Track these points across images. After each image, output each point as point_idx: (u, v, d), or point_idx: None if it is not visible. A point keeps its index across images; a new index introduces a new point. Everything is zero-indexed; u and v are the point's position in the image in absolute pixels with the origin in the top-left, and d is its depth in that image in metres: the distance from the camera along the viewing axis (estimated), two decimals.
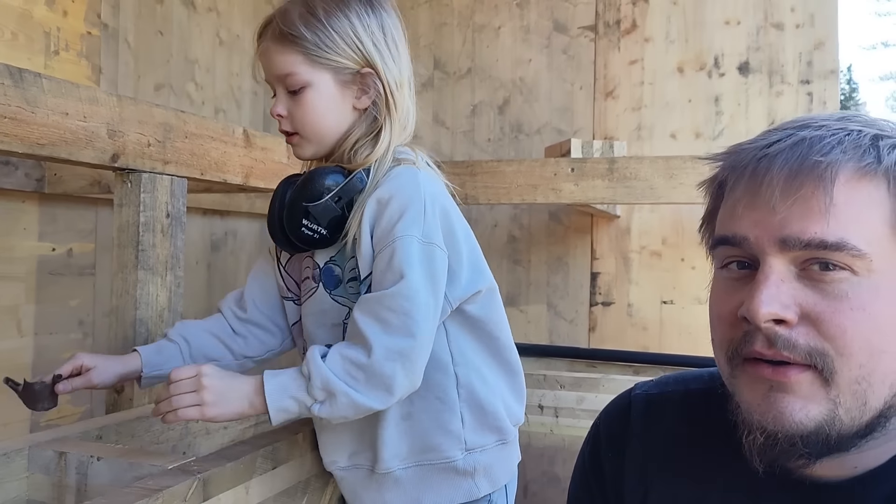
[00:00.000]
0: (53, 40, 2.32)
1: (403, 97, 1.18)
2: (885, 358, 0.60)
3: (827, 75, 3.04)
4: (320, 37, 1.10)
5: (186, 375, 1.02)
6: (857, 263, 0.60)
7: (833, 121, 0.65)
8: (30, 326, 2.23)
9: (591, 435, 0.89)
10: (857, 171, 0.61)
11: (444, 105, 3.49)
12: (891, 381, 0.61)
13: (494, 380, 1.19)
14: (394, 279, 1.03)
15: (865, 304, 0.60)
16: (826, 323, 0.60)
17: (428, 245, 1.06)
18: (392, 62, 1.15)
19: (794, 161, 0.62)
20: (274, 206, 1.17)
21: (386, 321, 1.02)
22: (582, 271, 3.27)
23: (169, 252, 1.55)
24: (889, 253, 0.61)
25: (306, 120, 1.13)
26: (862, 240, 0.60)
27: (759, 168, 0.64)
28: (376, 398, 1.03)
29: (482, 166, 2.38)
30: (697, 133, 3.15)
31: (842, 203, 0.60)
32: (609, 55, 3.28)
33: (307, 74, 1.11)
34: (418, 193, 1.08)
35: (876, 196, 0.61)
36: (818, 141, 0.63)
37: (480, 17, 3.45)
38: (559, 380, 2.09)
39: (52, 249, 2.29)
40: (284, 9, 1.13)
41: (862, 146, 0.62)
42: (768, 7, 3.09)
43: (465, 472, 1.15)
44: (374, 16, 1.14)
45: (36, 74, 1.25)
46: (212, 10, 3.02)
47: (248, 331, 1.27)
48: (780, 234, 0.62)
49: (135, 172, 1.48)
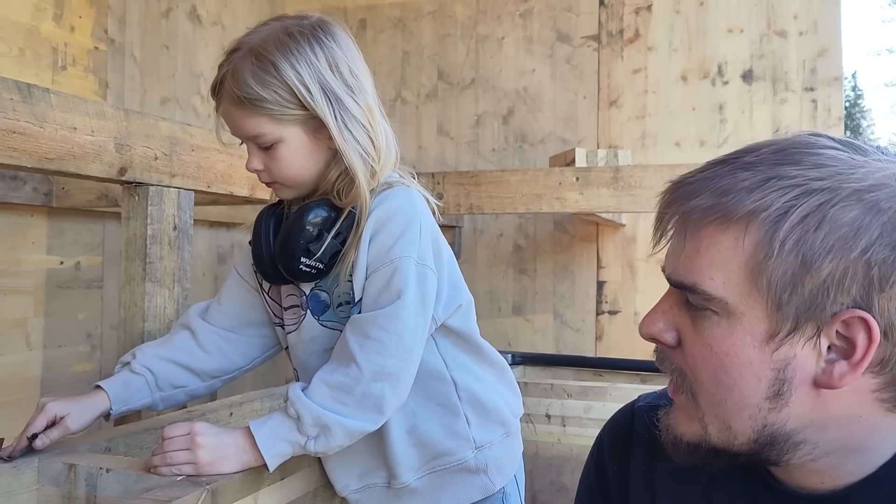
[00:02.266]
0: (61, 56, 2.34)
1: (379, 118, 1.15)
2: (733, 392, 0.64)
3: (831, 82, 3.04)
4: (280, 94, 1.06)
5: (179, 433, 1.03)
6: (713, 305, 0.64)
7: (754, 155, 0.65)
8: (38, 340, 2.24)
9: (596, 446, 0.90)
10: (720, 218, 0.63)
11: (448, 115, 3.50)
12: (749, 413, 0.64)
13: (488, 378, 1.22)
14: (390, 299, 1.05)
15: (714, 342, 0.64)
16: (686, 351, 0.68)
17: (422, 267, 1.07)
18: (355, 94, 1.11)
19: (673, 204, 0.67)
20: (261, 241, 1.15)
21: (378, 340, 1.03)
22: (588, 280, 3.27)
23: (176, 264, 1.56)
24: (745, 297, 0.63)
25: (284, 172, 1.11)
26: (716, 285, 0.63)
27: (660, 202, 0.69)
28: (368, 419, 1.04)
29: (487, 176, 2.38)
30: (702, 141, 3.16)
31: (703, 249, 0.64)
32: (612, 64, 3.29)
33: (276, 132, 1.08)
34: (415, 214, 1.09)
35: (734, 242, 0.63)
36: (700, 185, 0.65)
37: (484, 28, 3.47)
38: (566, 389, 2.08)
39: (60, 263, 2.31)
40: (235, 68, 1.07)
41: (736, 191, 0.62)
42: (771, 14, 3.10)
43: (479, 469, 1.17)
44: (326, 50, 1.09)
45: (44, 90, 1.26)
46: (217, 24, 3.04)
47: (217, 346, 1.24)
48: (666, 271, 0.69)
49: (142, 185, 1.49)
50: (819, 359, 0.62)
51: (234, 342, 1.25)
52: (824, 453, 0.65)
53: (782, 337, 0.62)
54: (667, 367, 0.71)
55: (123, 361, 1.22)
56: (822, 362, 0.62)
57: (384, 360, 1.03)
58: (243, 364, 1.26)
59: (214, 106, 1.14)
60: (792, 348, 0.62)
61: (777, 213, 0.61)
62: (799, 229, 0.60)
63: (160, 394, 1.20)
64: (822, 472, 0.67)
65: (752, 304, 0.62)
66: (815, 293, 0.60)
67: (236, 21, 3.13)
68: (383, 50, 3.59)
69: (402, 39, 3.57)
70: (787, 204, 0.60)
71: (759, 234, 0.61)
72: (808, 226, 0.60)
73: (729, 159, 0.66)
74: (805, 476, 0.68)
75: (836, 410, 0.63)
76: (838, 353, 0.62)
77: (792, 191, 0.61)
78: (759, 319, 0.62)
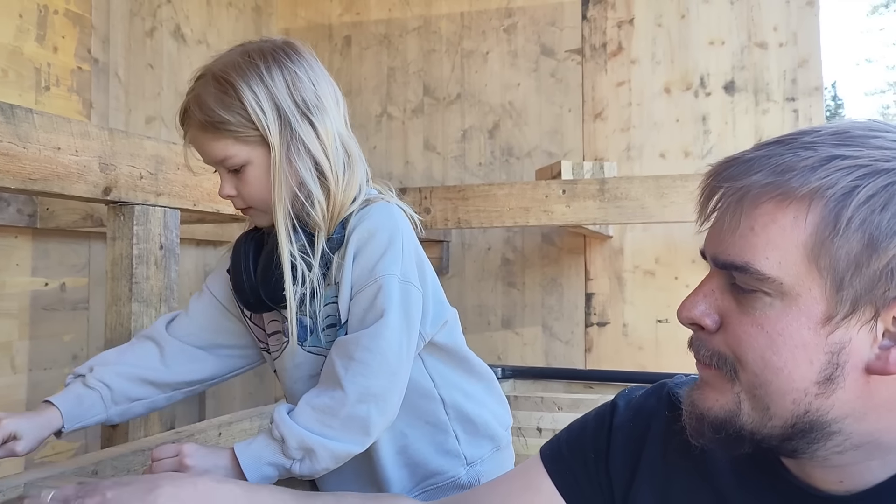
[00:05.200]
0: (44, 76, 2.33)
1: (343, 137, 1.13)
2: (781, 374, 0.62)
3: (812, 92, 3.08)
4: (243, 115, 1.06)
5: (168, 455, 1.02)
6: (766, 286, 0.62)
7: (812, 136, 0.64)
8: (24, 363, 2.21)
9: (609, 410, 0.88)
10: (778, 196, 0.61)
11: (434, 130, 3.52)
12: (793, 398, 0.62)
13: (476, 392, 1.21)
14: (374, 318, 1.04)
15: (766, 322, 0.62)
16: (729, 333, 0.65)
17: (405, 284, 1.06)
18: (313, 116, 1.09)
19: (730, 182, 0.64)
20: (241, 270, 1.13)
21: (363, 362, 1.02)
22: (576, 292, 3.27)
23: (163, 284, 1.55)
24: (803, 277, 0.61)
25: (255, 196, 1.10)
26: (771, 264, 0.61)
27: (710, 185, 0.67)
28: (354, 441, 1.04)
29: (474, 190, 2.39)
30: (686, 152, 3.18)
31: (758, 227, 0.62)
32: (596, 77, 3.31)
33: (243, 154, 1.08)
34: (397, 231, 1.08)
35: (794, 220, 0.61)
36: (757, 162, 0.63)
37: (468, 44, 3.49)
38: (557, 402, 2.08)
39: (44, 284, 2.29)
40: (197, 94, 1.08)
41: (797, 169, 0.61)
42: (751, 27, 3.14)
43: (471, 485, 1.16)
44: (286, 72, 1.08)
45: (27, 110, 1.25)
46: (201, 43, 3.05)
47: (183, 362, 1.21)
48: (712, 251, 0.67)
49: (127, 205, 1.48)
50: (874, 344, 0.60)
51: (202, 359, 1.22)
52: (853, 446, 0.63)
53: (839, 319, 0.60)
54: (703, 354, 0.67)
55: (78, 373, 1.19)
56: (877, 348, 0.60)
57: (369, 382, 1.02)
58: (208, 380, 1.24)
59: (183, 134, 1.13)
60: (848, 331, 0.60)
61: (842, 191, 0.59)
62: (865, 209, 0.58)
63: (116, 408, 1.17)
64: (843, 469, 0.65)
65: (810, 284, 0.60)
66: (878, 275, 0.58)
67: (221, 40, 3.14)
68: (369, 66, 3.60)
69: (387, 55, 3.59)
70: (852, 183, 0.59)
71: (822, 213, 0.59)
72: (874, 206, 0.58)
73: (786, 139, 0.64)
74: (824, 473, 0.66)
75: (879, 399, 0.61)
76: (892, 339, 0.60)
77: (858, 170, 0.59)
78: (817, 300, 0.60)
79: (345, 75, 3.56)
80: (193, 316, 1.24)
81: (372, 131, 3.57)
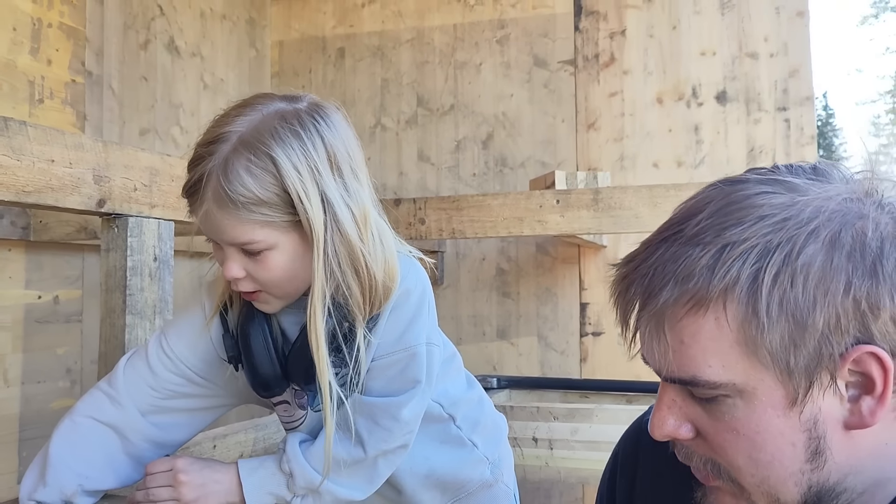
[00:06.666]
0: (38, 89, 2.33)
1: (375, 219, 1.00)
2: (773, 466, 0.62)
3: (802, 102, 3.10)
4: (282, 198, 0.90)
5: (162, 469, 1.00)
6: (721, 390, 0.61)
7: (694, 226, 0.62)
8: (17, 376, 2.20)
9: (612, 454, 0.91)
10: (692, 304, 0.61)
11: (428, 141, 3.52)
12: (794, 481, 0.62)
13: (471, 394, 1.21)
14: (403, 388, 1.02)
15: (739, 425, 0.62)
16: (711, 442, 0.64)
17: (430, 347, 1.04)
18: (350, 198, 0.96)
19: (639, 300, 0.63)
20: (266, 360, 1.00)
21: (388, 429, 1.01)
22: (571, 302, 3.28)
23: (157, 296, 1.55)
24: (749, 372, 0.60)
25: (273, 281, 0.95)
26: (716, 371, 0.61)
27: (617, 302, 0.66)
28: (359, 489, 1.04)
29: (468, 201, 2.39)
30: (679, 161, 3.20)
31: (687, 339, 0.61)
32: (589, 88, 3.33)
33: (270, 239, 0.92)
34: (424, 293, 1.03)
35: (716, 324, 0.60)
36: (658, 274, 0.62)
37: (461, 55, 3.50)
38: (553, 412, 2.08)
39: (38, 297, 2.28)
40: (225, 159, 0.90)
41: (697, 272, 0.60)
42: (742, 37, 3.16)
43: (496, 480, 1.19)
44: (327, 144, 0.94)
45: (21, 122, 1.25)
46: (195, 55, 3.05)
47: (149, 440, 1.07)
48: (654, 367, 0.66)
49: (121, 217, 1.48)
50: (843, 402, 0.61)
51: (163, 429, 1.08)
52: (858, 494, 0.64)
53: (802, 397, 0.60)
54: (696, 461, 0.67)
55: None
56: (847, 403, 0.61)
57: (389, 445, 1.03)
58: (173, 448, 1.12)
59: (188, 205, 0.95)
60: (815, 403, 0.60)
61: (748, 282, 0.59)
62: (777, 292, 0.58)
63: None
64: None
65: (761, 376, 0.60)
66: (818, 346, 0.58)
67: (215, 52, 3.14)
68: (362, 78, 3.61)
69: (381, 67, 3.60)
70: (752, 270, 0.59)
71: (739, 310, 0.59)
72: (783, 285, 0.58)
73: (669, 236, 0.63)
74: None
75: (867, 447, 0.62)
76: (859, 389, 0.60)
77: (751, 254, 0.59)
78: (773, 388, 0.60)
79: (339, 87, 3.57)
80: (160, 384, 1.06)
81: (366, 142, 3.58)
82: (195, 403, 1.10)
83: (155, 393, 1.06)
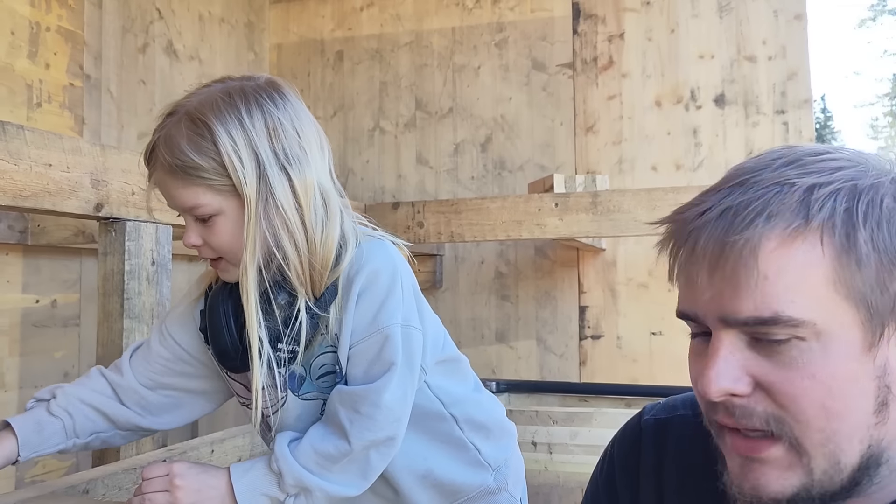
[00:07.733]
0: (36, 93, 2.33)
1: (325, 189, 1.05)
2: (844, 418, 0.60)
3: (801, 105, 3.10)
4: (217, 162, 0.98)
5: (158, 474, 1.01)
6: (800, 331, 0.59)
7: (772, 171, 0.62)
8: (14, 380, 2.19)
9: (605, 458, 0.89)
10: (785, 237, 0.59)
11: (427, 144, 3.52)
12: (859, 437, 0.60)
13: (478, 396, 1.21)
14: (380, 372, 1.01)
15: (816, 370, 0.59)
16: (778, 392, 0.60)
17: (406, 328, 1.03)
18: (291, 168, 1.02)
19: (719, 236, 0.61)
20: (222, 331, 1.06)
21: (369, 416, 1.01)
22: (570, 305, 3.27)
23: (155, 300, 1.54)
24: (834, 312, 0.59)
25: (225, 247, 1.03)
26: (800, 308, 0.59)
27: (687, 245, 0.64)
28: (352, 485, 1.03)
29: (467, 204, 2.39)
30: (678, 165, 3.20)
31: (773, 275, 0.59)
32: (588, 91, 3.33)
33: (214, 203, 1.00)
34: (396, 273, 1.04)
35: (810, 257, 0.59)
36: (742, 209, 0.60)
37: (460, 58, 3.50)
38: (551, 415, 2.07)
39: (35, 301, 2.27)
40: (168, 134, 1.00)
41: (789, 206, 0.59)
42: (741, 40, 3.17)
43: (499, 488, 1.17)
44: (268, 116, 1.01)
45: (18, 126, 1.25)
46: (194, 59, 3.05)
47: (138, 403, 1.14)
48: (719, 312, 0.62)
49: (119, 221, 1.48)
50: None
51: (157, 405, 1.16)
52: (889, 472, 0.62)
53: (876, 341, 0.59)
54: (756, 421, 0.61)
55: (40, 398, 1.14)
56: None
57: (375, 434, 1.01)
58: (164, 427, 1.18)
59: (147, 175, 1.05)
60: (886, 350, 0.59)
61: (843, 218, 0.58)
62: (868, 231, 0.58)
63: (76, 440, 1.12)
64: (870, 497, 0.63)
65: (842, 316, 0.59)
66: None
67: (213, 55, 3.14)
68: (361, 81, 3.61)
69: (379, 70, 3.60)
70: (845, 208, 0.59)
71: (836, 244, 0.58)
72: (873, 225, 0.58)
73: (745, 180, 0.62)
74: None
75: None
76: None
77: (841, 195, 0.59)
78: (853, 330, 0.59)
79: (337, 90, 3.57)
80: (155, 358, 1.16)
81: (364, 145, 3.58)
82: (188, 383, 1.16)
83: (150, 367, 1.15)
